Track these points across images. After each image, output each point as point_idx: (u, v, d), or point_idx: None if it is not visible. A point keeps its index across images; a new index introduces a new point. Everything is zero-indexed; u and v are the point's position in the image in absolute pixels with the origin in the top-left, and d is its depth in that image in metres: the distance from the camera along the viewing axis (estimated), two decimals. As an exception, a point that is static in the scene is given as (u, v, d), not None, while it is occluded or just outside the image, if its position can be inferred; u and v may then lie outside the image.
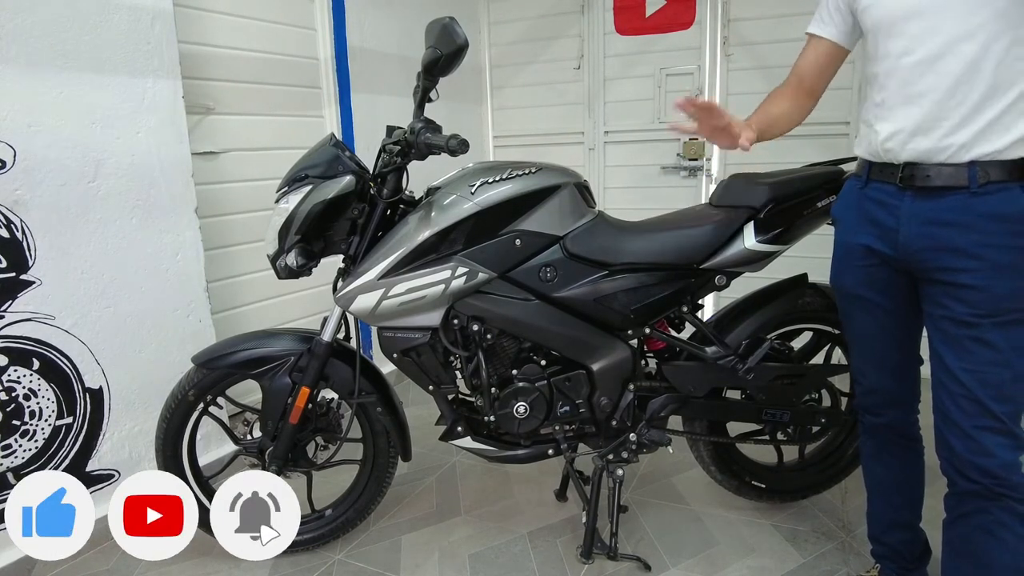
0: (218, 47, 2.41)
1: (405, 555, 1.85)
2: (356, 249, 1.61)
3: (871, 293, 1.37)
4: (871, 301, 1.38)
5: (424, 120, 1.53)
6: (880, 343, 1.41)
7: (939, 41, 1.16)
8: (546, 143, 3.75)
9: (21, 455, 1.78)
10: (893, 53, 1.23)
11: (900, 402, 1.45)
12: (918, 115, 1.20)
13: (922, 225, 1.23)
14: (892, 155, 1.24)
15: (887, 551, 1.54)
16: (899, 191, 1.25)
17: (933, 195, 1.21)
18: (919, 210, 1.23)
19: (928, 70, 1.18)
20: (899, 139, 1.22)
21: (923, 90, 1.19)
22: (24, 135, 1.70)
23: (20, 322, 1.74)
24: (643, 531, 1.91)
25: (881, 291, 1.36)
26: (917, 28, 1.18)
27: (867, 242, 1.33)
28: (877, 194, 1.30)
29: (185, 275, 2.13)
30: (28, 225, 1.73)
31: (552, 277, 1.61)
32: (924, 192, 1.22)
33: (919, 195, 1.22)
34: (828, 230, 1.82)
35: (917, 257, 1.25)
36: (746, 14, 3.14)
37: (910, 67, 1.20)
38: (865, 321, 1.42)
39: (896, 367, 1.42)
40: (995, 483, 1.20)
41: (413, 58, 3.09)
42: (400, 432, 1.80)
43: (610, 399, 1.71)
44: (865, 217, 1.33)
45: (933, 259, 1.23)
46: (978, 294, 1.18)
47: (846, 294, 1.43)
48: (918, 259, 1.25)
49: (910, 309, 1.35)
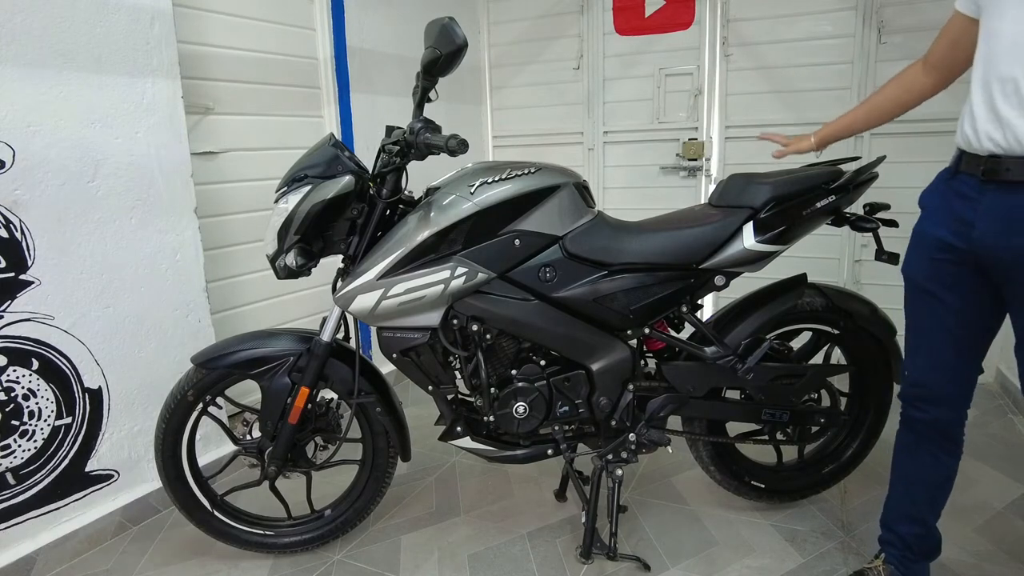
0: (217, 47, 2.41)
1: (404, 555, 1.85)
2: (355, 249, 1.61)
3: (937, 287, 1.34)
4: (935, 295, 1.35)
5: (423, 120, 1.53)
6: (936, 339, 1.37)
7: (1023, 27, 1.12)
8: (545, 143, 3.75)
9: (20, 455, 1.78)
10: (987, 37, 1.20)
11: (945, 402, 1.40)
12: (1000, 104, 1.16)
13: (999, 221, 1.19)
14: (977, 146, 1.21)
15: (896, 540, 1.53)
16: (981, 184, 1.22)
17: (1013, 190, 1.17)
18: (998, 205, 1.19)
19: (1012, 57, 1.14)
20: (981, 128, 1.20)
21: (1005, 78, 1.15)
22: (23, 135, 1.70)
23: (19, 322, 1.74)
24: (642, 531, 1.91)
25: (948, 287, 1.32)
26: (1016, 10, 1.14)
27: (943, 235, 1.30)
28: (961, 186, 1.27)
29: (184, 275, 2.13)
30: (27, 225, 1.72)
31: (551, 277, 1.61)
32: (1005, 186, 1.18)
33: (1000, 189, 1.19)
34: (828, 230, 1.83)
35: (991, 254, 1.21)
36: (745, 14, 3.14)
37: (997, 54, 1.17)
38: (924, 314, 1.38)
39: (949, 367, 1.38)
40: None
41: (412, 58, 3.10)
42: (399, 432, 1.80)
43: (609, 399, 1.71)
44: (947, 208, 1.30)
45: (1006, 258, 1.19)
46: None
47: (914, 284, 1.40)
48: (992, 257, 1.22)
49: (978, 311, 1.32)
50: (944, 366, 1.38)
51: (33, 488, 1.81)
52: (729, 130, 3.27)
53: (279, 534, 1.86)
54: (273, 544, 1.85)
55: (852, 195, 1.69)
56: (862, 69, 2.92)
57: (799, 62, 3.05)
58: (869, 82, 2.91)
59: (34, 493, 1.81)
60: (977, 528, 1.85)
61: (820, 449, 2.00)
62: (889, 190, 2.10)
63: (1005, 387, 2.77)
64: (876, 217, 1.70)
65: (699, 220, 1.67)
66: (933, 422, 1.42)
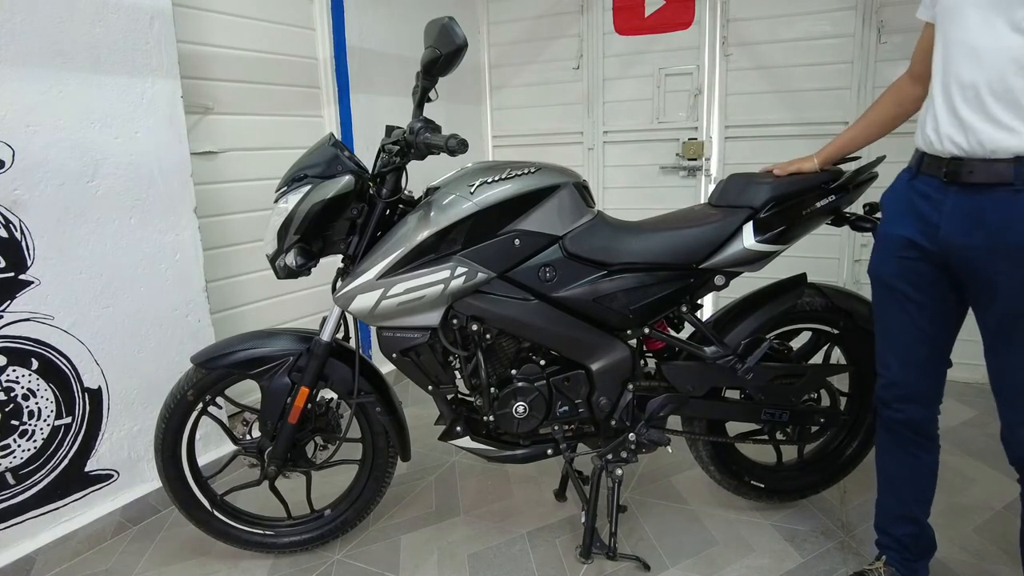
0: (217, 47, 2.41)
1: (404, 555, 1.85)
2: (355, 249, 1.61)
3: (905, 286, 1.37)
4: (904, 294, 1.37)
5: (423, 120, 1.53)
6: (908, 337, 1.40)
7: (985, 33, 1.15)
8: (545, 143, 3.75)
9: (20, 455, 1.78)
10: (945, 43, 1.22)
11: (920, 399, 1.44)
12: (961, 108, 1.19)
13: (964, 221, 1.22)
14: (938, 148, 1.24)
15: (892, 542, 1.55)
16: (943, 185, 1.25)
17: (976, 191, 1.20)
18: (962, 206, 1.22)
19: (972, 62, 1.17)
20: (943, 132, 1.22)
21: (966, 82, 1.18)
22: (23, 135, 1.70)
23: (19, 322, 1.74)
24: (642, 531, 1.91)
25: (916, 285, 1.35)
26: (965, 18, 1.17)
27: (908, 234, 1.33)
28: (923, 187, 1.30)
29: (184, 275, 2.13)
30: (27, 225, 1.72)
31: (551, 277, 1.61)
32: (968, 188, 1.21)
33: (963, 191, 1.22)
34: (827, 230, 1.83)
35: (957, 254, 1.24)
36: (745, 14, 3.14)
37: (956, 58, 1.20)
38: (895, 313, 1.41)
39: (921, 363, 1.41)
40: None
41: (412, 58, 3.10)
42: (399, 432, 1.80)
43: (609, 399, 1.71)
44: (910, 209, 1.33)
45: (972, 257, 1.22)
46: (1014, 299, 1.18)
47: (881, 284, 1.43)
48: (958, 255, 1.24)
49: (945, 308, 1.35)
50: (916, 364, 1.41)
51: (33, 488, 1.81)
52: (729, 130, 3.27)
53: (279, 534, 1.86)
54: (273, 544, 1.85)
55: (852, 195, 1.69)
56: (861, 69, 2.92)
57: (799, 62, 3.05)
58: (868, 82, 2.91)
59: (34, 493, 1.81)
60: (976, 528, 1.85)
61: (820, 449, 2.00)
62: (889, 190, 2.10)
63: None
64: (875, 217, 1.70)
65: (699, 220, 1.67)
66: (910, 421, 1.45)
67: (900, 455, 1.50)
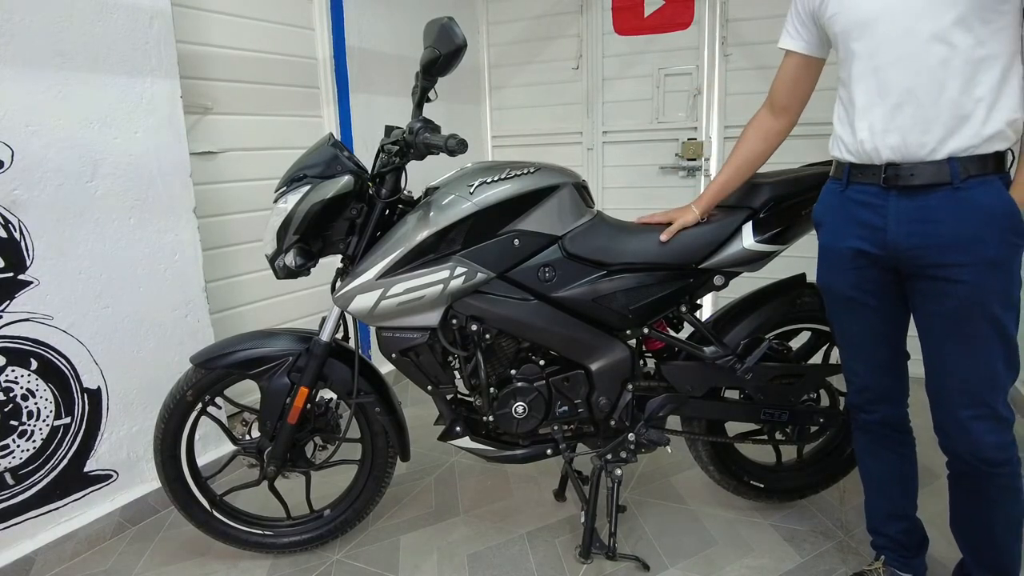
0: (216, 47, 2.41)
1: (404, 555, 1.85)
2: (355, 249, 1.61)
3: (860, 294, 1.39)
4: (860, 302, 1.40)
5: (423, 120, 1.53)
6: (870, 342, 1.44)
7: (909, 41, 1.18)
8: (544, 143, 3.75)
9: (19, 455, 1.78)
10: (863, 55, 1.25)
11: (891, 398, 1.47)
12: (893, 115, 1.22)
13: (911, 223, 1.24)
14: (872, 156, 1.26)
15: (887, 542, 1.56)
16: (883, 191, 1.27)
17: (918, 193, 1.23)
18: (906, 208, 1.25)
19: (900, 70, 1.20)
20: (877, 139, 1.25)
21: (895, 90, 1.21)
22: (22, 135, 1.69)
23: (18, 322, 1.74)
24: (642, 531, 1.92)
25: (871, 292, 1.38)
26: (886, 29, 1.21)
27: (855, 244, 1.34)
28: (860, 195, 1.31)
29: (183, 275, 2.13)
30: (26, 225, 1.72)
31: (551, 277, 1.61)
32: (909, 190, 1.24)
33: (904, 194, 1.24)
34: (826, 230, 1.83)
35: (908, 255, 1.26)
36: (744, 14, 3.14)
37: (882, 68, 1.23)
38: (854, 321, 1.44)
39: (886, 364, 1.45)
40: (985, 464, 1.28)
41: (412, 58, 3.10)
42: (399, 432, 1.80)
43: (609, 399, 1.71)
44: (850, 219, 1.34)
45: (924, 256, 1.24)
46: (968, 289, 1.21)
47: (836, 296, 1.45)
48: (908, 256, 1.26)
49: (895, 306, 1.38)
50: (882, 364, 1.45)
51: (32, 488, 1.81)
52: (728, 130, 3.27)
53: (278, 534, 1.85)
54: (272, 544, 1.85)
55: (851, 195, 1.69)
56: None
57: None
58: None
59: (33, 493, 1.81)
60: (976, 528, 1.85)
61: (819, 449, 2.01)
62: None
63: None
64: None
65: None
66: (885, 419, 1.49)
67: (881, 454, 1.53)
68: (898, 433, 1.50)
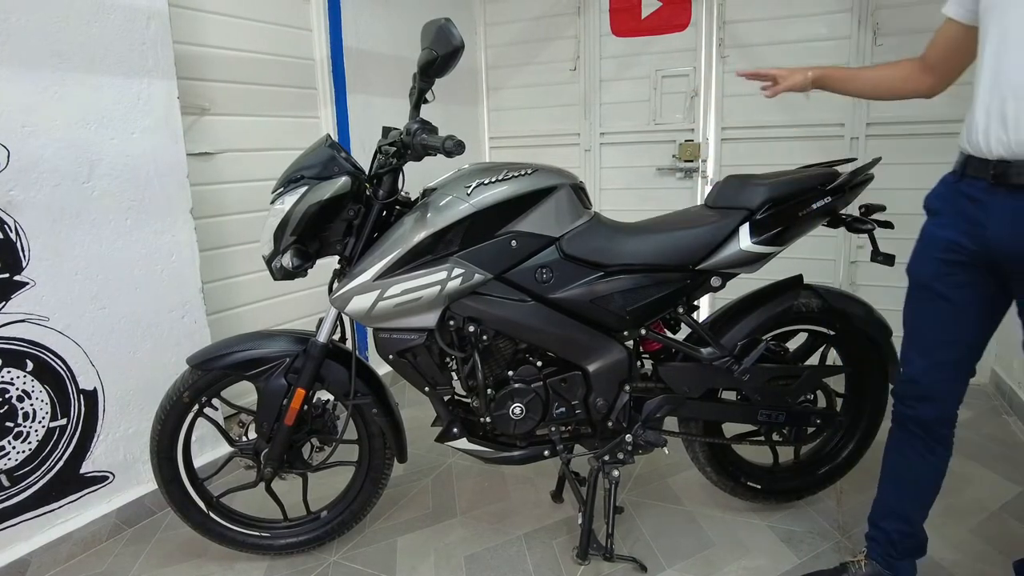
0: (214, 47, 2.40)
1: (401, 557, 1.85)
2: (352, 250, 1.61)
3: (943, 287, 1.35)
4: (937, 292, 1.36)
5: (420, 121, 1.53)
6: (935, 337, 1.39)
7: None
8: (542, 144, 3.75)
9: (15, 457, 1.77)
10: (994, 39, 1.20)
11: (935, 400, 1.41)
12: (1008, 108, 1.17)
13: (1011, 223, 1.21)
14: (984, 150, 1.23)
15: (879, 535, 1.54)
16: (991, 187, 1.23)
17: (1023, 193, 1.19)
18: (1008, 207, 1.21)
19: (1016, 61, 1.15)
20: (989, 133, 1.21)
21: (1007, 82, 1.16)
22: (18, 136, 1.69)
23: (14, 323, 1.73)
24: (639, 532, 1.92)
25: (952, 286, 1.34)
26: (1017, 15, 1.15)
27: (953, 236, 1.31)
28: (969, 189, 1.28)
29: (180, 276, 2.12)
30: (22, 226, 1.72)
31: (548, 278, 1.61)
32: (1016, 189, 1.19)
33: (1011, 192, 1.20)
34: (824, 231, 1.84)
35: (1005, 254, 1.23)
36: (741, 16, 3.15)
37: (1005, 55, 1.17)
38: (927, 313, 1.39)
39: (944, 366, 1.39)
40: None
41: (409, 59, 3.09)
42: (396, 433, 1.80)
43: (606, 400, 1.71)
44: (956, 211, 1.31)
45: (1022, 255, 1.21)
46: None
47: (916, 283, 1.41)
48: (1006, 255, 1.23)
49: (976, 310, 1.34)
50: (940, 365, 1.39)
51: (27, 490, 1.80)
52: (725, 131, 3.28)
53: (275, 536, 1.85)
54: (269, 546, 1.84)
55: (848, 196, 1.69)
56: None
57: (795, 64, 3.04)
58: (865, 84, 2.91)
59: (28, 495, 1.80)
60: (972, 528, 1.86)
61: (816, 450, 2.01)
62: (885, 192, 2.11)
63: (1000, 388, 2.78)
64: (872, 218, 1.71)
65: (695, 221, 1.67)
66: (924, 420, 1.43)
67: (905, 451, 1.48)
68: (929, 437, 1.44)
